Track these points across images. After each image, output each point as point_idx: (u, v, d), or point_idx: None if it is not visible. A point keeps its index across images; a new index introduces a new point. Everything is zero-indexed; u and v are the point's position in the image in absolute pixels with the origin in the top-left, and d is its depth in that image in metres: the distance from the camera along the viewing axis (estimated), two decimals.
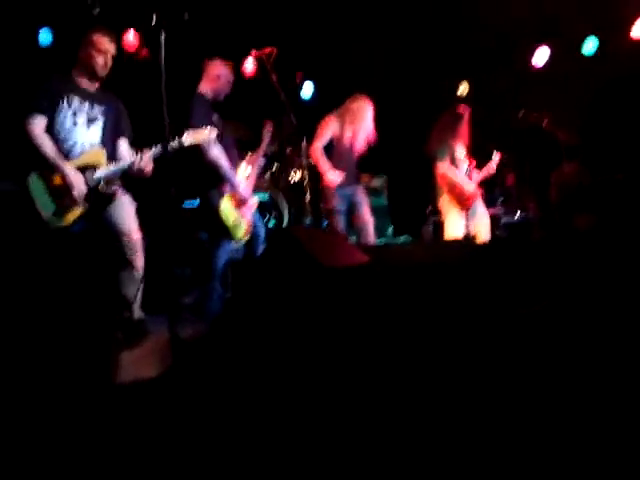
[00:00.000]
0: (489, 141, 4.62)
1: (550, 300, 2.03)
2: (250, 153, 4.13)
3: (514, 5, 5.02)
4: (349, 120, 4.11)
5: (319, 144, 4.05)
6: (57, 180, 2.76)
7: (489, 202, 5.56)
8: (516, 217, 5.77)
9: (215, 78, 3.61)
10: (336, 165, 4.02)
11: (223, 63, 3.65)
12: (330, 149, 4.12)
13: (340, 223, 4.04)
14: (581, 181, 5.38)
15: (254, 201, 3.77)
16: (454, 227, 4.35)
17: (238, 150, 3.88)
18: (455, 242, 3.44)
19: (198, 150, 3.35)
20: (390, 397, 1.60)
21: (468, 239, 3.95)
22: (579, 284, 2.02)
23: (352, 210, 4.12)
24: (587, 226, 2.94)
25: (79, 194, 2.77)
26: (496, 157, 4.42)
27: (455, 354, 1.77)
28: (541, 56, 5.82)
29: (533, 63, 5.85)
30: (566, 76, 5.59)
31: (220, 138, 3.45)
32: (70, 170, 2.77)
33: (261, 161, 3.97)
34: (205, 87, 3.61)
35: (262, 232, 3.80)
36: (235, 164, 3.70)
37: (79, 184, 2.77)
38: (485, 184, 4.59)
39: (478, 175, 4.41)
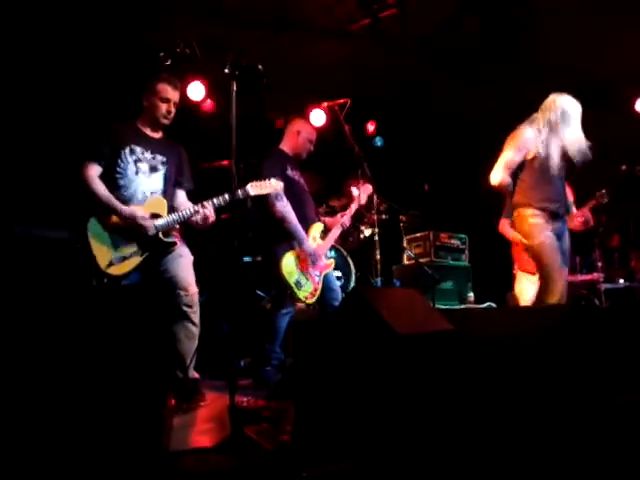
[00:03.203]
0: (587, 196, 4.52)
1: None
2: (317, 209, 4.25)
3: (615, 54, 5.03)
4: (552, 126, 3.46)
5: (506, 171, 3.49)
6: (116, 222, 2.97)
7: (588, 266, 5.38)
8: (619, 284, 5.51)
9: (295, 134, 3.91)
10: (538, 197, 3.48)
11: (305, 121, 3.93)
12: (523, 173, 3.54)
13: (556, 258, 3.38)
14: None
15: (327, 262, 3.85)
16: (523, 291, 4.27)
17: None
18: (553, 309, 3.33)
19: (264, 202, 3.54)
20: None
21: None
22: None
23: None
24: None
25: (143, 223, 2.96)
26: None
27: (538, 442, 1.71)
28: None
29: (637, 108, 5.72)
30: None
31: (300, 194, 3.71)
32: (128, 209, 2.98)
33: (347, 222, 3.97)
34: (285, 144, 3.92)
35: (339, 297, 3.81)
36: (311, 221, 3.86)
37: (143, 216, 2.97)
38: (582, 246, 4.46)
39: None
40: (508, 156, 3.52)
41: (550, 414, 1.94)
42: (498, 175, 3.53)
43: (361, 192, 3.97)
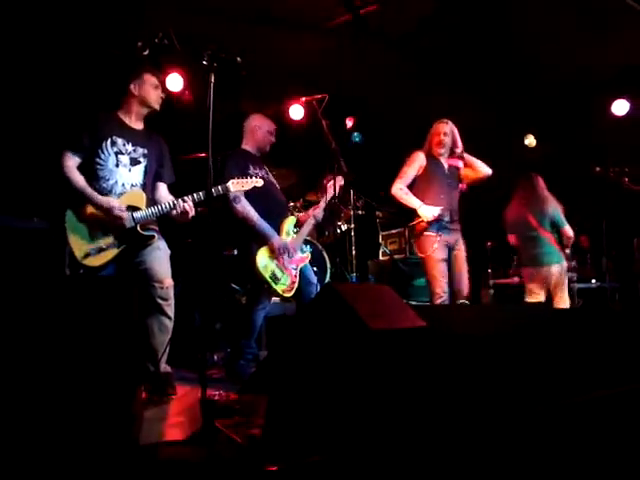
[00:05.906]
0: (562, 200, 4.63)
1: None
2: (294, 204, 4.23)
3: (593, 54, 5.10)
4: (435, 146, 4.09)
5: (400, 183, 4.06)
6: (93, 214, 2.96)
7: None
8: (592, 283, 5.63)
9: (254, 129, 3.90)
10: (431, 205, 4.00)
11: (260, 115, 3.93)
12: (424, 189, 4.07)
13: (440, 273, 3.91)
14: None
15: (302, 255, 3.86)
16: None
17: (286, 198, 4.06)
18: (528, 308, 3.40)
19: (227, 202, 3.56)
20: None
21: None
22: None
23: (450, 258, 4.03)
24: None
25: (119, 214, 2.95)
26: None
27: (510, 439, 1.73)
28: (620, 107, 5.82)
29: (612, 113, 5.84)
30: None
31: (266, 190, 3.67)
32: (104, 198, 2.96)
33: (319, 215, 4.01)
34: (246, 142, 3.91)
35: (314, 290, 3.82)
36: (281, 215, 3.86)
37: (119, 207, 2.96)
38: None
39: None
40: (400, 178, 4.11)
41: (521, 410, 1.98)
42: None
43: (332, 184, 3.96)
